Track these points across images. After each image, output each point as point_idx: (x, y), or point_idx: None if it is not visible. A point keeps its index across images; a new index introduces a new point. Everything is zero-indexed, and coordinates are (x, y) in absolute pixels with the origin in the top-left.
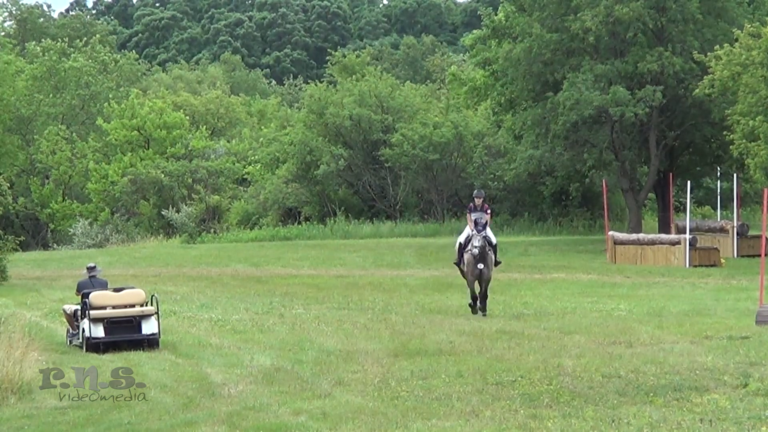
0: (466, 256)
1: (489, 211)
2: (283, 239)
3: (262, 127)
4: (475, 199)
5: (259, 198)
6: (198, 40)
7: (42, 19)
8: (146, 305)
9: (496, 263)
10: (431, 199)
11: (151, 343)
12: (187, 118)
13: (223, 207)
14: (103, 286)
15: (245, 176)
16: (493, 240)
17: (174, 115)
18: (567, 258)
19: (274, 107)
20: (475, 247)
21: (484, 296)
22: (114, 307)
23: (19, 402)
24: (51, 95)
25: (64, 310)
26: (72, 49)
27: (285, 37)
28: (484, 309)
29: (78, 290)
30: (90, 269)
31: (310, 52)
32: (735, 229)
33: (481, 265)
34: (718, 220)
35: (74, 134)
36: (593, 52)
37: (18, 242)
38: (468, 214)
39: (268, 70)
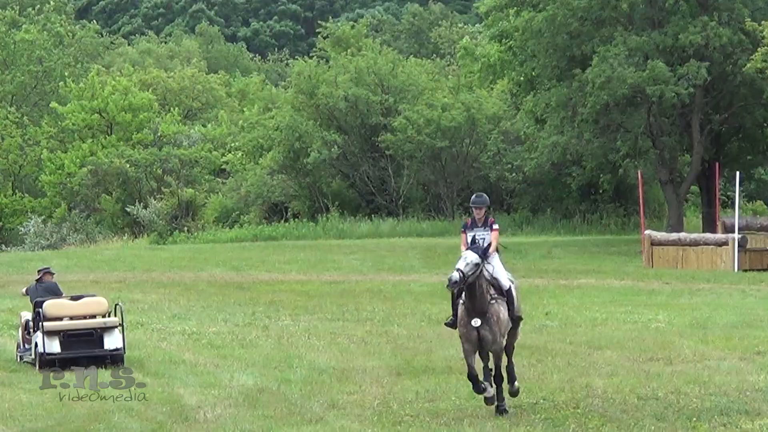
0: (459, 308)
1: (497, 227)
2: (267, 239)
3: (244, 110)
4: (474, 210)
5: (239, 192)
6: (171, 9)
7: None
8: (109, 316)
9: (515, 318)
10: (439, 193)
11: (114, 359)
12: (157, 99)
13: (198, 202)
14: (53, 292)
15: (224, 166)
16: (503, 280)
17: (141, 95)
18: (597, 261)
19: (257, 86)
20: (451, 281)
21: (498, 376)
22: (71, 318)
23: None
24: None
25: (20, 317)
26: (23, 18)
27: (269, 6)
28: (501, 399)
29: (27, 293)
30: (41, 272)
31: (297, 23)
32: None
33: (476, 321)
34: None
35: (25, 117)
36: (627, 22)
37: None
38: (462, 234)
39: (245, 43)
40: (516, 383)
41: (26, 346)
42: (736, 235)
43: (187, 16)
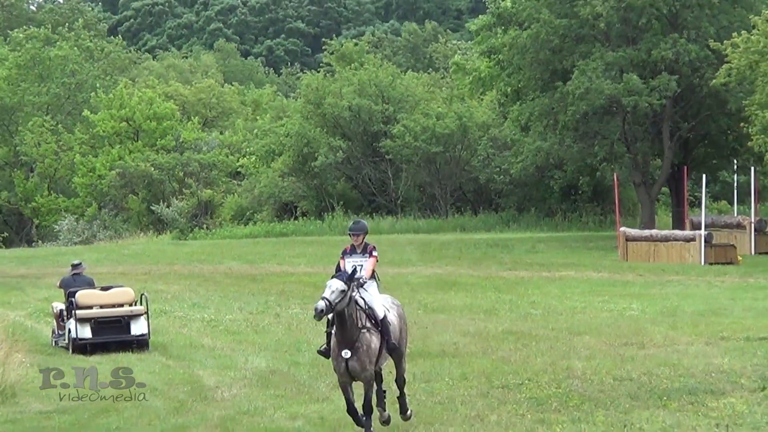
0: (332, 339)
1: (376, 254)
2: (278, 235)
3: (257, 118)
4: (351, 236)
5: (253, 192)
6: (191, 27)
7: (30, 5)
8: (135, 304)
9: (391, 348)
10: (434, 194)
11: (140, 344)
12: (178, 108)
13: (215, 202)
14: (88, 284)
15: (239, 169)
16: (378, 309)
17: (164, 105)
18: (576, 255)
19: (270, 97)
20: (317, 311)
21: (367, 405)
22: (101, 307)
23: (1, 406)
24: (36, 84)
25: (53, 308)
26: (56, 36)
27: (278, 24)
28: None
29: (60, 286)
30: (74, 266)
31: (305, 40)
32: (753, 225)
33: (346, 353)
34: (735, 215)
35: (60, 125)
36: (604, 39)
37: (1, 238)
38: (341, 260)
39: (263, 58)
40: (409, 412)
41: (60, 332)
42: (703, 232)
43: (206, 33)
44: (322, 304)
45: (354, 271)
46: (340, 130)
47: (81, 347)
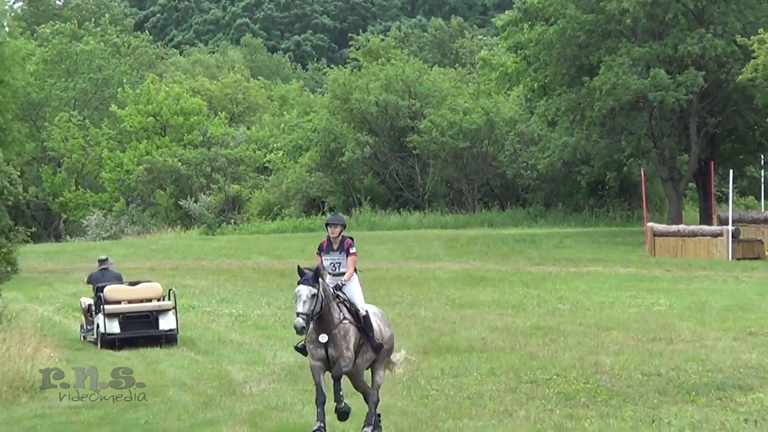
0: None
1: (354, 251)
2: (306, 230)
3: (284, 114)
4: (329, 228)
5: (281, 187)
6: (217, 23)
7: (56, 1)
8: (163, 299)
9: (375, 346)
10: (461, 189)
11: (168, 339)
12: (205, 103)
13: (243, 197)
14: (117, 279)
15: (266, 164)
16: (359, 305)
17: (191, 100)
18: (604, 250)
19: (296, 92)
20: (297, 329)
21: (337, 392)
22: (130, 302)
23: (31, 401)
24: (63, 79)
25: (81, 303)
26: (83, 31)
27: (304, 20)
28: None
29: (88, 281)
30: (102, 261)
31: (331, 35)
32: None
33: (323, 337)
34: (762, 210)
35: (87, 120)
36: (630, 35)
37: (29, 233)
38: (317, 256)
39: (291, 54)
40: (376, 418)
41: (89, 327)
42: (730, 227)
43: (232, 29)
44: (300, 321)
45: (317, 269)
46: (367, 125)
47: (109, 342)
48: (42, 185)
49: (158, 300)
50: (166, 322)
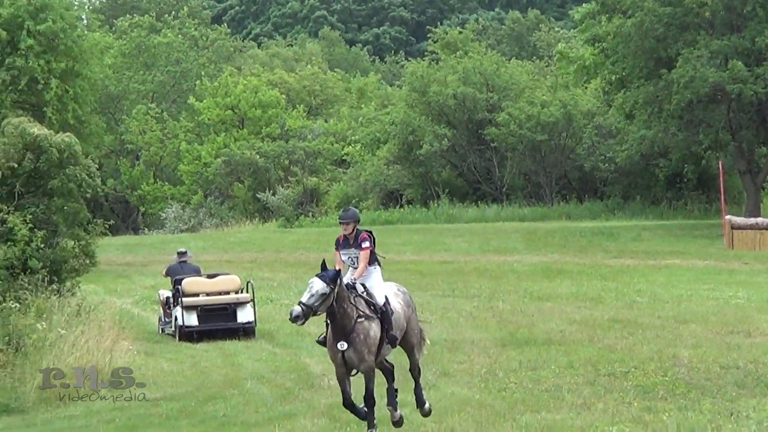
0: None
1: (367, 245)
2: (384, 223)
3: (362, 106)
4: (342, 226)
5: (359, 180)
6: (295, 16)
7: None
8: (241, 292)
9: (391, 338)
10: (539, 182)
11: (247, 331)
12: (283, 96)
13: (321, 189)
14: (195, 271)
15: (344, 157)
16: (378, 297)
17: (269, 93)
18: (682, 243)
19: (374, 85)
20: (292, 316)
21: (369, 398)
22: (208, 294)
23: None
24: (141, 72)
25: (159, 295)
26: (161, 23)
27: (381, 13)
28: (371, 426)
29: (167, 274)
30: (180, 254)
31: (408, 28)
32: None
33: (342, 345)
34: None
35: (165, 113)
36: (709, 27)
37: (107, 226)
38: (336, 252)
39: (369, 46)
40: (427, 405)
41: (167, 320)
42: None
43: (310, 21)
44: (297, 309)
45: (338, 272)
46: (445, 118)
47: (187, 335)
48: (120, 178)
49: (236, 293)
50: (244, 315)
